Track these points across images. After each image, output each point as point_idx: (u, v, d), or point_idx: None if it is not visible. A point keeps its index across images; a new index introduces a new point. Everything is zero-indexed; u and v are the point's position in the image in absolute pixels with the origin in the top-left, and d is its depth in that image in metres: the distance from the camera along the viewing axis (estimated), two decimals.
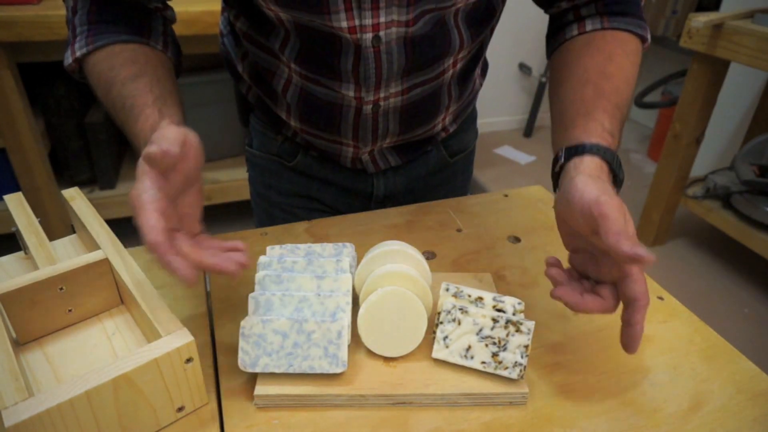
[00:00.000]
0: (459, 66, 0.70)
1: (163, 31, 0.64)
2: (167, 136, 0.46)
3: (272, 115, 0.76)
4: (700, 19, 1.66)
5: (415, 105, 0.70)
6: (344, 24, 0.58)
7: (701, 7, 2.49)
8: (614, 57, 0.60)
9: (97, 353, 0.51)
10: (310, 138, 0.75)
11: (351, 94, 0.66)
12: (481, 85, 0.84)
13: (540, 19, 1.03)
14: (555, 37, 0.67)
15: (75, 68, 0.62)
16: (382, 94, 0.66)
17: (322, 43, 0.61)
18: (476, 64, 0.75)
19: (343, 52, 0.62)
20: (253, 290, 0.53)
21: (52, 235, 0.55)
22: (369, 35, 0.59)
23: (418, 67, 0.65)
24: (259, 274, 0.53)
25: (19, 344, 0.51)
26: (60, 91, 1.73)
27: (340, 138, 0.73)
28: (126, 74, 0.57)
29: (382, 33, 0.59)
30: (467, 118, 0.85)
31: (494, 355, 0.49)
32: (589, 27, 0.63)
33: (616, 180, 0.53)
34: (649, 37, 0.65)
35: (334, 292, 0.52)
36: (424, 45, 0.63)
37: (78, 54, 0.60)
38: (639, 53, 0.64)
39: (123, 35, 0.60)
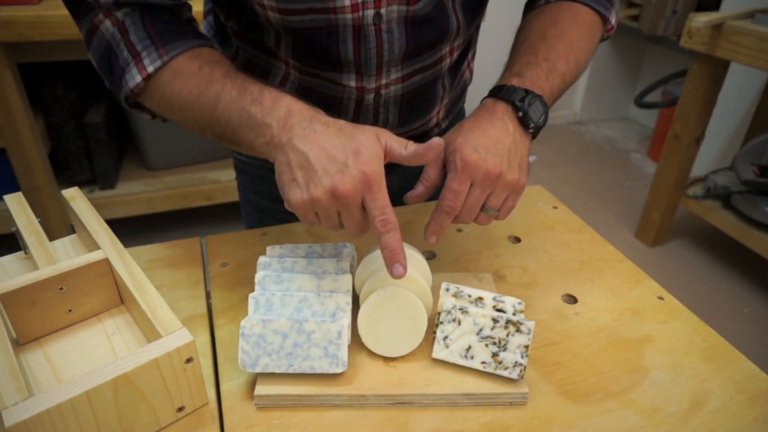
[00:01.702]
0: (455, 55, 0.71)
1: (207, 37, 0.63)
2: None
3: None
4: (700, 19, 1.66)
5: (414, 94, 0.71)
6: (347, 2, 0.58)
7: (701, 7, 2.49)
8: (559, 22, 0.64)
9: (97, 353, 0.51)
10: None
11: (352, 84, 0.66)
12: (470, 79, 0.85)
13: None
14: (525, 9, 0.72)
15: (141, 88, 0.57)
16: (383, 81, 0.67)
17: (318, 36, 0.61)
18: (466, 56, 0.78)
19: (341, 41, 0.61)
20: (253, 290, 0.53)
21: (52, 235, 0.55)
22: (371, 12, 0.59)
23: (418, 52, 0.66)
24: (259, 274, 0.53)
25: (19, 344, 0.51)
26: (60, 91, 1.73)
27: None
28: (223, 70, 0.55)
29: (383, 10, 0.60)
30: (457, 114, 0.86)
31: (494, 355, 0.49)
32: None
33: (523, 110, 0.56)
34: (612, 19, 0.69)
35: (334, 292, 0.52)
36: (424, 26, 0.63)
37: (151, 69, 0.56)
38: (594, 26, 0.67)
39: (193, 40, 0.58)
